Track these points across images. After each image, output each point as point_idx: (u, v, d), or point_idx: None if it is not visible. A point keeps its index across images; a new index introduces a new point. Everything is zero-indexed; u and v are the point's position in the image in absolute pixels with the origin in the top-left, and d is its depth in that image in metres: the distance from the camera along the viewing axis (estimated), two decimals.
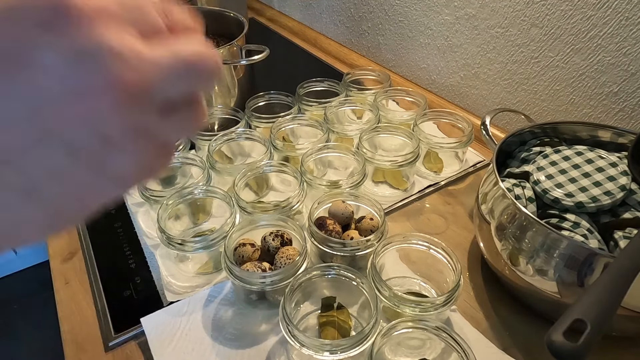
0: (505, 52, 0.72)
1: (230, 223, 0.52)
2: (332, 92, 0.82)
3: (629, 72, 0.58)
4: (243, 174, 0.59)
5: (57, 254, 0.59)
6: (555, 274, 0.42)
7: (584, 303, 0.31)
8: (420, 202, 0.66)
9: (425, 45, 0.88)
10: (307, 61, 1.11)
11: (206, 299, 0.51)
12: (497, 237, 0.47)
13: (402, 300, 0.43)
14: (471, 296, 0.53)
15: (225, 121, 0.75)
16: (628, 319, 0.41)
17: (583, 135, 0.55)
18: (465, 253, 0.58)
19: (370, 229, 0.53)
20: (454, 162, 0.71)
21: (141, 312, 0.49)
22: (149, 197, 0.57)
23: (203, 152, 0.70)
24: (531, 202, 0.48)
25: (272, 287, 0.46)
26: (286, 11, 1.32)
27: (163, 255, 0.57)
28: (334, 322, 0.46)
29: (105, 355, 0.47)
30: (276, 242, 0.51)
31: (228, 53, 0.75)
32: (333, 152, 0.65)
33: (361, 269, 0.52)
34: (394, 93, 0.81)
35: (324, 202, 0.55)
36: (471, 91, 0.82)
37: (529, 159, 0.54)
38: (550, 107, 0.69)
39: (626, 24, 0.56)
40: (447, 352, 0.42)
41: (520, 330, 0.49)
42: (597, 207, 0.45)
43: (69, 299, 0.53)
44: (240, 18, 0.86)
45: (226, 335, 0.48)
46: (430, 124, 0.76)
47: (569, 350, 0.29)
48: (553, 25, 0.64)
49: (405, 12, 0.89)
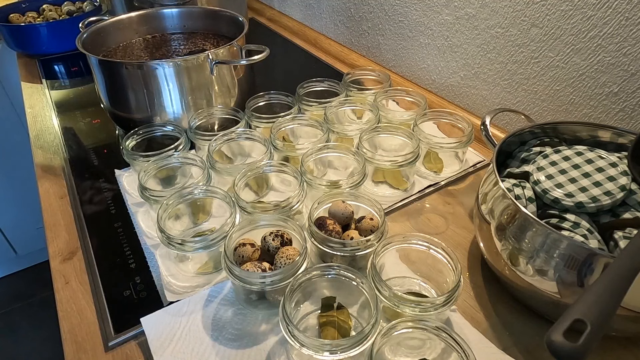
0: (505, 52, 0.73)
1: (230, 223, 0.52)
2: (332, 92, 0.82)
3: (629, 72, 0.58)
4: (243, 174, 0.59)
5: (57, 254, 0.59)
6: (555, 274, 0.42)
7: (584, 303, 0.31)
8: (420, 202, 0.66)
9: (425, 45, 0.88)
10: (307, 61, 1.11)
11: (206, 299, 0.51)
12: (497, 237, 0.47)
13: (402, 300, 0.43)
14: (471, 296, 0.53)
15: (225, 121, 0.75)
16: (628, 319, 0.41)
17: (583, 135, 0.55)
18: (465, 253, 0.58)
19: (370, 229, 0.53)
20: (454, 162, 0.71)
21: (141, 312, 0.50)
22: (149, 197, 0.57)
23: (203, 152, 0.71)
24: (531, 202, 0.48)
25: (272, 287, 0.46)
26: (286, 11, 1.32)
27: (163, 255, 0.57)
28: (334, 322, 0.46)
29: (105, 355, 0.47)
30: (276, 242, 0.51)
31: (228, 53, 0.75)
32: (333, 152, 0.65)
33: (361, 269, 0.52)
34: (394, 93, 0.81)
35: (324, 202, 0.55)
36: (471, 91, 0.82)
37: (529, 159, 0.54)
38: (550, 107, 0.69)
39: (626, 24, 0.56)
40: (447, 352, 0.42)
41: (520, 330, 0.49)
42: (597, 207, 0.45)
43: (69, 299, 0.53)
44: (240, 18, 0.86)
45: (226, 335, 0.48)
46: (430, 124, 0.76)
47: (569, 350, 0.29)
48: (553, 25, 0.64)
49: (405, 12, 0.89)
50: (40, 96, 0.99)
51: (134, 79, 0.71)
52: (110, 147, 0.80)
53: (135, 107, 0.74)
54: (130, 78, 0.71)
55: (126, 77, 0.71)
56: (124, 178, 0.70)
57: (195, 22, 0.93)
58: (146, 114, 0.74)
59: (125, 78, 0.71)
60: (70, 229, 0.63)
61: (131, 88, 0.72)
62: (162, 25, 0.93)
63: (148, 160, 0.64)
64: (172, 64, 0.70)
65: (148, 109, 0.73)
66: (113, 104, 0.76)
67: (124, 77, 0.71)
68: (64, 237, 0.61)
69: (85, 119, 0.88)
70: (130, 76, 0.71)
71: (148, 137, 0.71)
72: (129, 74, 0.70)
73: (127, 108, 0.75)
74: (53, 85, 1.02)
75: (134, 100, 0.73)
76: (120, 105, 0.76)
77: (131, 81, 0.71)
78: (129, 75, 0.71)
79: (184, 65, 0.70)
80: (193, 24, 0.93)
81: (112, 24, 0.86)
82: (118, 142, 0.81)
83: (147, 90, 0.71)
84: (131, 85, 0.72)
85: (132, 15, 0.89)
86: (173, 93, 0.72)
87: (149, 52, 0.86)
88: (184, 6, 0.96)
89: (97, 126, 0.86)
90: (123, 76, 0.71)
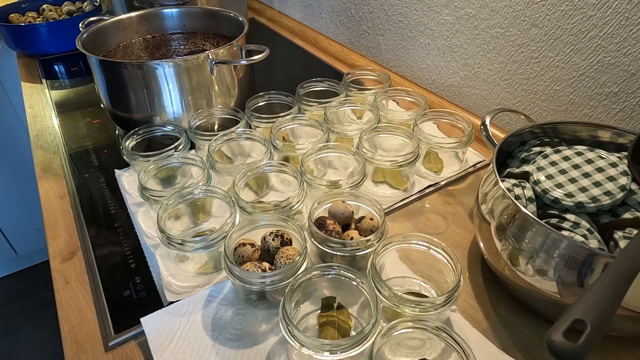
0: (505, 52, 0.73)
1: (230, 223, 0.52)
2: (332, 92, 0.82)
3: (629, 72, 0.58)
4: (243, 174, 0.59)
5: (57, 254, 0.59)
6: (555, 274, 0.42)
7: (584, 303, 0.31)
8: (420, 202, 0.66)
9: (425, 45, 0.88)
10: (307, 61, 1.11)
11: (206, 299, 0.51)
12: (497, 237, 0.47)
13: (402, 300, 0.43)
14: (471, 296, 0.53)
15: (225, 121, 0.75)
16: (628, 319, 0.41)
17: (583, 135, 0.55)
18: (465, 253, 0.58)
19: (370, 229, 0.53)
20: (454, 162, 0.71)
21: (141, 312, 0.50)
22: (149, 197, 0.57)
23: (203, 152, 0.71)
24: (531, 202, 0.48)
25: (272, 287, 0.46)
26: (286, 11, 1.32)
27: (163, 255, 0.57)
28: (334, 322, 0.46)
29: (105, 355, 0.47)
30: (276, 242, 0.51)
31: (228, 53, 0.75)
32: (333, 152, 0.65)
33: (361, 269, 0.52)
34: (394, 93, 0.81)
35: (324, 202, 0.55)
36: (471, 91, 0.82)
37: (529, 159, 0.54)
38: (550, 107, 0.69)
39: (626, 24, 0.56)
40: (447, 352, 0.42)
41: (520, 330, 0.49)
42: (597, 207, 0.45)
43: (69, 299, 0.53)
44: (240, 18, 0.86)
45: (226, 335, 0.48)
46: (430, 124, 0.76)
47: (569, 350, 0.29)
48: (553, 25, 0.64)
49: (405, 12, 0.89)
50: (40, 96, 0.99)
51: (134, 79, 0.71)
52: (110, 147, 0.80)
53: (135, 107, 0.74)
54: (130, 78, 0.71)
55: (126, 77, 0.71)
56: (124, 178, 0.70)
57: (195, 22, 0.93)
58: (146, 114, 0.74)
59: (125, 78, 0.71)
60: (70, 229, 0.63)
61: (131, 88, 0.72)
62: (162, 25, 0.93)
63: (148, 160, 0.64)
64: (172, 64, 0.70)
65: (148, 109, 0.73)
66: (113, 104, 0.76)
67: (124, 77, 0.71)
68: (64, 237, 0.61)
69: (85, 119, 0.88)
70: (130, 76, 0.71)
71: (148, 137, 0.71)
72: (129, 74, 0.70)
73: (127, 108, 0.75)
74: (53, 85, 1.02)
75: (134, 100, 0.73)
76: (120, 105, 0.76)
77: (131, 81, 0.71)
78: (129, 75, 0.71)
79: (184, 65, 0.70)
80: (193, 24, 0.93)
81: (112, 24, 0.86)
82: (118, 142, 0.81)
83: (147, 90, 0.72)
84: (131, 85, 0.72)
85: (132, 15, 0.89)
86: (173, 93, 0.72)
87: (149, 52, 0.86)
88: (184, 6, 0.96)
89: (97, 126, 0.86)
90: (123, 76, 0.71)
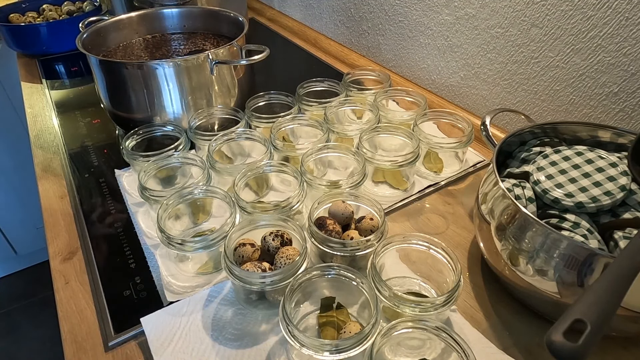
0: (505, 52, 0.72)
1: (230, 223, 0.52)
2: (332, 92, 0.82)
3: (629, 72, 0.58)
4: (243, 174, 0.59)
5: (57, 254, 0.59)
6: (555, 274, 0.42)
7: (584, 303, 0.31)
8: (420, 202, 0.66)
9: (425, 45, 0.88)
10: (307, 61, 1.11)
11: (206, 299, 0.51)
12: (497, 237, 0.47)
13: (402, 300, 0.43)
14: (471, 296, 0.53)
15: (225, 121, 0.75)
16: (628, 319, 0.41)
17: (583, 135, 0.55)
18: (465, 253, 0.58)
19: (370, 229, 0.53)
20: (454, 162, 0.71)
21: (141, 312, 0.50)
22: (149, 197, 0.57)
23: (203, 152, 0.71)
24: (531, 202, 0.48)
25: (272, 287, 0.46)
26: (286, 11, 1.32)
27: (163, 255, 0.57)
28: (334, 322, 0.46)
29: (105, 355, 0.47)
30: (276, 242, 0.51)
31: (228, 53, 0.75)
32: (333, 152, 0.65)
33: (361, 269, 0.52)
34: (394, 93, 0.81)
35: (324, 202, 0.55)
36: (471, 91, 0.82)
37: (529, 159, 0.54)
38: (550, 107, 0.69)
39: (626, 24, 0.56)
40: (447, 352, 0.42)
41: (520, 330, 0.49)
42: (597, 207, 0.45)
43: (69, 299, 0.53)
44: (240, 18, 0.86)
45: (226, 335, 0.48)
46: (430, 124, 0.76)
47: (569, 351, 0.28)
48: (553, 25, 0.64)
49: (405, 12, 0.89)
50: (40, 96, 0.99)
51: (134, 79, 0.71)
52: (110, 147, 0.80)
53: (135, 107, 0.74)
54: (130, 78, 0.71)
55: (126, 77, 0.71)
56: (124, 178, 0.70)
57: (195, 22, 0.93)
58: (146, 114, 0.74)
59: (125, 78, 0.71)
60: (70, 229, 0.63)
61: (131, 88, 0.72)
62: (162, 25, 0.93)
63: (148, 160, 0.64)
64: (172, 64, 0.70)
65: (148, 109, 0.73)
66: (113, 104, 0.76)
67: (124, 77, 0.71)
68: (64, 237, 0.61)
69: (85, 119, 0.88)
70: (130, 76, 0.71)
71: (148, 137, 0.71)
72: (129, 74, 0.70)
73: (127, 108, 0.75)
74: (53, 85, 1.02)
75: (134, 100, 0.73)
76: (120, 105, 0.76)
77: (131, 81, 0.71)
78: (129, 75, 0.71)
79: (184, 65, 0.70)
80: (193, 24, 0.93)
81: (112, 24, 0.86)
82: (118, 142, 0.81)
83: (147, 90, 0.72)
84: (131, 85, 0.72)
85: (132, 15, 0.89)
86: (173, 93, 0.72)
87: (149, 52, 0.86)
88: (184, 6, 0.96)
89: (97, 126, 0.86)
90: (123, 76, 0.71)
